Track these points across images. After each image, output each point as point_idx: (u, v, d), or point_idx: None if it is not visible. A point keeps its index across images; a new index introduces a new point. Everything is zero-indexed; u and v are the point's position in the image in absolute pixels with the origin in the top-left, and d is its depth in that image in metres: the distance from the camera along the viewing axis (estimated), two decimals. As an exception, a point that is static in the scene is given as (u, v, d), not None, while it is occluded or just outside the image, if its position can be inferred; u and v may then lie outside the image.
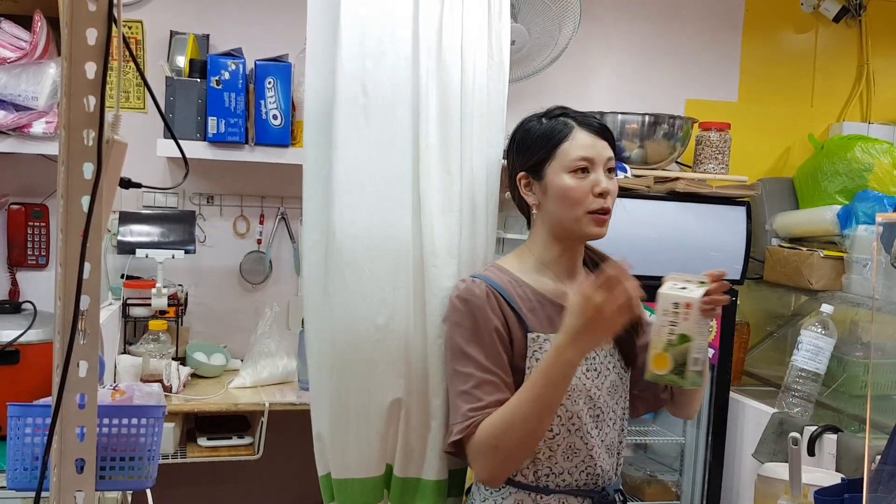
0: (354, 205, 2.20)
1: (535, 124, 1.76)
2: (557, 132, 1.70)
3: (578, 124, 1.70)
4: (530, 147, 1.74)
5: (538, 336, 1.68)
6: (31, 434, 1.43)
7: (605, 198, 1.67)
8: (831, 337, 2.68)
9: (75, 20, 1.04)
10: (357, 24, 2.23)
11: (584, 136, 1.68)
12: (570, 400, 1.68)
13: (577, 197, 1.66)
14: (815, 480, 1.86)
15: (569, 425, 1.68)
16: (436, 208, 2.22)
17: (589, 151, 1.67)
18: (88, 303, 1.08)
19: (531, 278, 1.75)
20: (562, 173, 1.68)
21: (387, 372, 2.13)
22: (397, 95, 2.25)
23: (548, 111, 1.77)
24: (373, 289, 2.18)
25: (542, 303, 1.72)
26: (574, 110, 1.75)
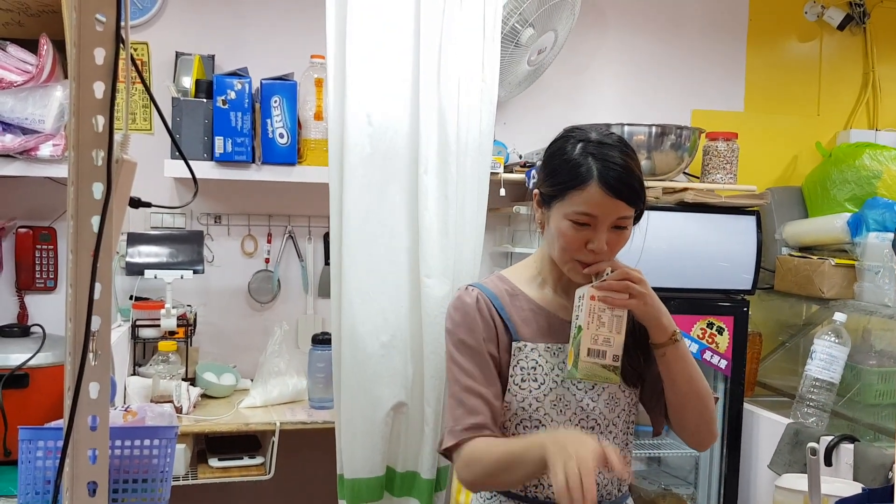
0: (360, 230, 2.33)
1: (564, 150, 1.63)
2: (574, 177, 1.59)
3: (598, 177, 1.56)
4: (549, 174, 1.66)
5: (524, 345, 1.67)
6: (42, 457, 1.43)
7: (598, 254, 1.60)
8: (845, 346, 2.66)
9: (83, 40, 1.04)
10: (361, 57, 2.31)
11: (596, 193, 1.56)
12: (556, 409, 1.66)
13: (568, 245, 1.61)
14: (834, 491, 1.84)
15: None
16: (434, 231, 2.36)
17: (595, 209, 1.57)
18: (99, 324, 1.07)
19: (530, 288, 1.74)
20: (563, 217, 1.60)
21: (389, 384, 2.41)
22: (399, 125, 2.36)
23: (583, 138, 1.62)
24: (376, 310, 2.36)
25: (537, 313, 1.71)
26: (608, 152, 1.58)
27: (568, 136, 1.66)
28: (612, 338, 1.58)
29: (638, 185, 1.58)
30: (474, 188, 2.45)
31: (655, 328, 1.63)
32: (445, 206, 2.39)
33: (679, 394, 1.67)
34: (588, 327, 1.57)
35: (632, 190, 1.57)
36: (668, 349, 1.64)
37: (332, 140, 2.36)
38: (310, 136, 2.82)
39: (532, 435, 1.59)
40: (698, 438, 1.75)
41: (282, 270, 3.13)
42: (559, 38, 3.05)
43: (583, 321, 1.57)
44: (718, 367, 2.83)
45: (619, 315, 1.58)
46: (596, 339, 1.57)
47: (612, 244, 1.60)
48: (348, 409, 2.41)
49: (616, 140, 1.62)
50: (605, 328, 1.57)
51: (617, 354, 1.58)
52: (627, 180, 1.57)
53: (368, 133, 2.34)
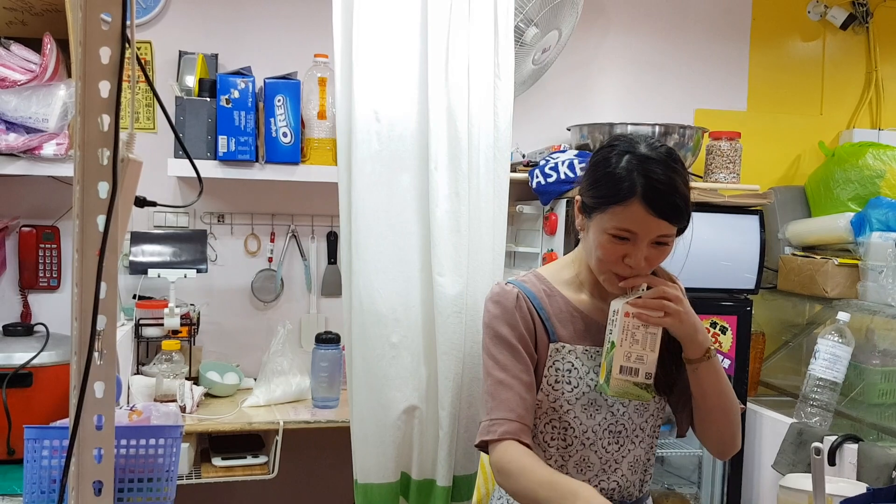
0: (369, 228, 2.27)
1: (609, 161, 1.59)
2: (616, 192, 1.55)
3: (641, 195, 1.53)
4: (592, 184, 1.62)
5: (562, 346, 1.67)
6: (48, 456, 1.43)
7: (635, 269, 1.58)
8: (848, 345, 2.66)
9: (89, 39, 1.04)
10: (368, 53, 2.28)
11: (638, 210, 1.53)
12: (587, 413, 1.68)
13: (605, 258, 1.59)
14: (838, 491, 1.83)
15: (583, 438, 1.68)
16: (444, 229, 2.30)
17: (635, 226, 1.55)
18: (105, 323, 1.07)
19: (568, 290, 1.73)
20: (602, 231, 1.59)
21: (400, 387, 2.32)
22: (407, 121, 2.31)
23: (630, 150, 1.58)
24: (387, 309, 2.28)
25: (574, 315, 1.71)
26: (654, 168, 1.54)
27: (614, 145, 1.62)
28: (646, 355, 1.56)
29: (683, 203, 1.56)
30: (489, 186, 2.37)
31: (690, 344, 1.63)
32: (457, 203, 2.31)
33: (708, 408, 1.68)
34: (621, 344, 1.55)
35: (675, 209, 1.54)
36: (702, 365, 1.64)
37: (340, 138, 2.31)
38: (313, 135, 2.82)
39: (568, 482, 1.54)
40: (722, 448, 1.76)
41: (285, 269, 3.13)
42: (563, 36, 3.05)
43: (616, 337, 1.56)
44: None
45: (654, 333, 1.56)
46: (629, 356, 1.56)
47: (652, 259, 1.59)
48: (359, 411, 2.32)
49: (663, 154, 1.57)
50: (638, 345, 1.56)
51: (650, 372, 1.57)
52: (671, 199, 1.54)
53: (376, 130, 2.29)
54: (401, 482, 2.37)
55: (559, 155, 2.82)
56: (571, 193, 2.69)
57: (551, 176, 2.74)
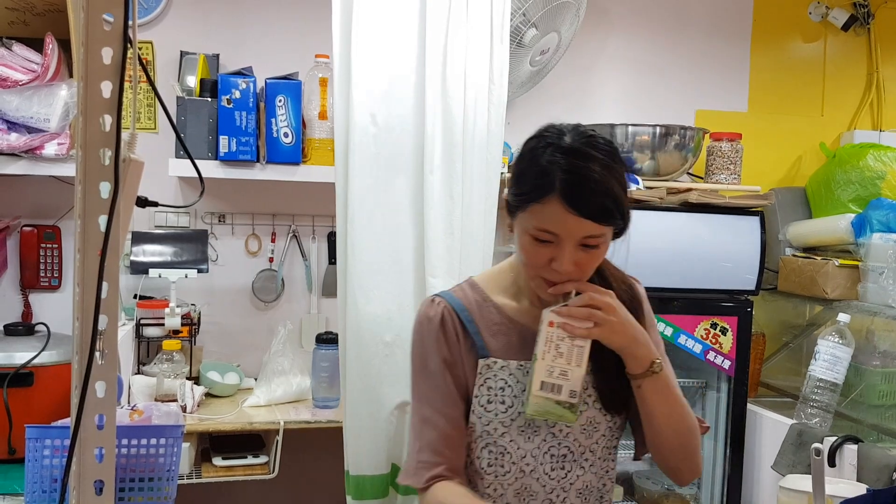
0: (365, 230, 2.34)
1: (533, 153, 1.43)
2: (535, 188, 1.38)
3: (561, 191, 1.35)
4: (514, 178, 1.46)
5: (493, 362, 1.49)
6: (49, 456, 1.43)
7: (564, 274, 1.40)
8: (848, 346, 2.66)
9: (91, 40, 1.04)
10: (366, 57, 2.31)
11: (557, 209, 1.35)
12: (524, 436, 1.49)
13: (530, 261, 1.43)
14: (838, 492, 1.84)
15: (521, 465, 1.49)
16: (439, 231, 2.36)
17: (556, 227, 1.37)
18: (106, 323, 1.07)
19: (503, 299, 1.56)
20: (524, 232, 1.42)
21: (393, 384, 2.39)
22: (404, 125, 2.36)
23: (554, 141, 1.41)
24: (382, 309, 2.36)
25: (509, 327, 1.53)
26: (579, 161, 1.37)
27: (542, 135, 1.45)
28: (570, 371, 1.39)
29: (611, 202, 1.36)
30: (482, 188, 2.44)
31: (629, 358, 1.45)
32: (451, 205, 2.39)
33: (655, 429, 1.50)
34: (543, 357, 1.39)
35: (601, 208, 1.36)
36: (645, 381, 1.46)
37: (338, 140, 2.36)
38: (314, 135, 2.82)
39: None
40: (679, 476, 1.58)
41: (286, 270, 3.13)
42: (563, 39, 3.05)
43: (538, 350, 1.39)
44: (722, 367, 2.83)
45: (581, 346, 1.39)
46: (551, 371, 1.39)
47: (582, 264, 1.40)
48: (353, 407, 2.41)
49: (592, 146, 1.39)
50: (562, 359, 1.39)
51: (574, 390, 1.39)
52: (595, 197, 1.35)
53: (373, 133, 2.34)
54: (391, 473, 2.47)
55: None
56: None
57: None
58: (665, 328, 2.76)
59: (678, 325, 2.78)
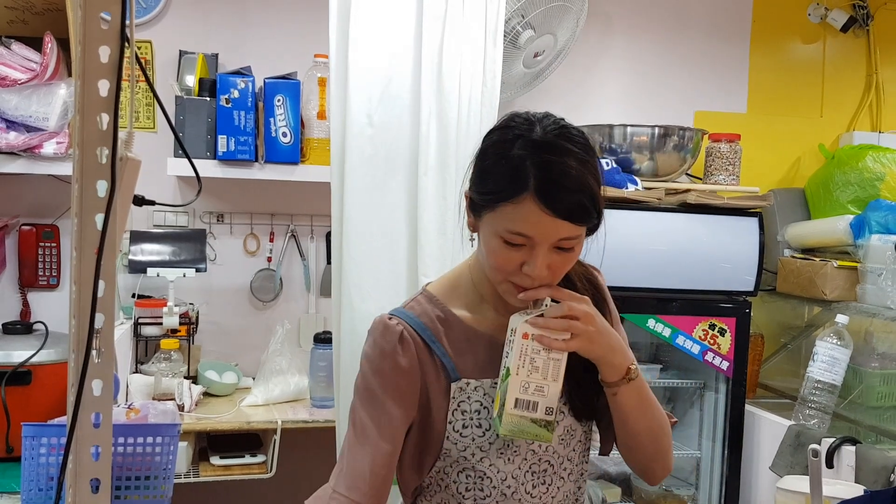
0: (359, 229, 2.35)
1: (499, 147, 1.30)
2: (505, 186, 1.26)
3: (536, 190, 1.23)
4: (479, 174, 1.34)
5: (466, 384, 1.38)
6: (45, 454, 1.43)
7: (536, 279, 1.30)
8: (847, 348, 2.66)
9: (88, 38, 1.04)
10: (362, 58, 2.32)
11: (532, 209, 1.23)
12: (504, 458, 1.38)
13: (499, 265, 1.31)
14: (835, 493, 1.84)
15: (502, 488, 1.39)
16: (432, 232, 2.37)
17: (530, 229, 1.25)
18: (103, 321, 1.07)
19: (464, 310, 1.43)
20: (492, 234, 1.29)
21: None
22: (400, 126, 2.37)
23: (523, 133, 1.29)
24: (375, 308, 2.37)
25: (474, 342, 1.41)
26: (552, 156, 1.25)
27: (507, 126, 1.32)
28: (547, 386, 1.29)
29: (588, 200, 1.25)
30: None
31: (606, 368, 1.36)
32: (444, 207, 2.40)
33: (632, 433, 1.43)
34: (517, 372, 1.28)
35: (579, 207, 1.25)
36: (622, 388, 1.37)
37: (334, 140, 2.38)
38: (313, 135, 2.82)
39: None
40: (650, 475, 1.51)
41: (284, 269, 3.13)
42: (559, 43, 3.05)
43: (512, 364, 1.28)
44: (720, 368, 2.83)
45: (557, 359, 1.29)
46: (526, 387, 1.28)
47: (555, 267, 1.30)
48: (346, 406, 2.42)
49: (566, 137, 1.28)
50: (538, 374, 1.28)
51: (551, 407, 1.30)
52: (572, 196, 1.24)
53: (369, 134, 2.36)
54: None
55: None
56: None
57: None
58: (663, 329, 2.76)
59: (676, 325, 2.78)
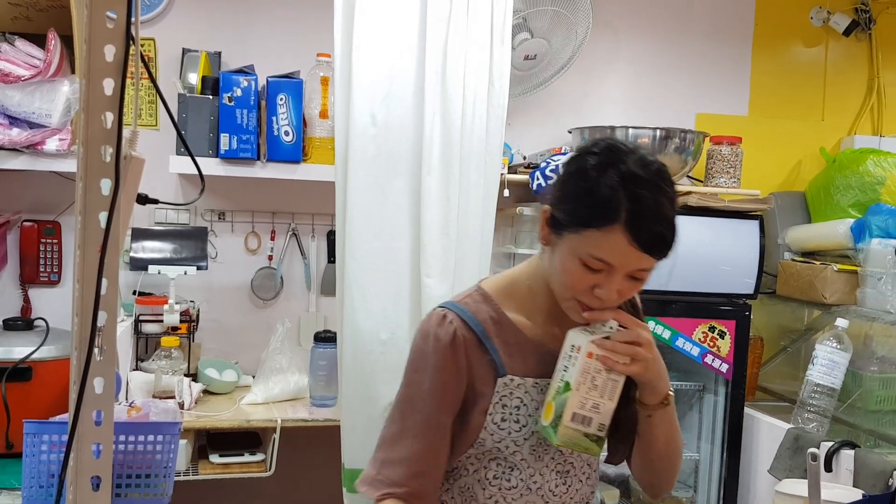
0: (362, 228, 2.36)
1: (589, 173, 1.34)
2: (596, 214, 1.30)
3: (627, 223, 1.28)
4: (567, 197, 1.37)
5: (511, 380, 1.44)
6: (47, 451, 1.43)
7: (605, 302, 1.36)
8: (846, 351, 2.66)
9: (93, 37, 1.04)
10: (367, 57, 2.33)
11: (620, 240, 1.29)
12: (535, 455, 1.46)
13: (572, 284, 1.36)
14: (834, 497, 1.84)
15: (529, 482, 1.47)
16: (435, 232, 2.38)
17: (613, 258, 1.31)
18: (105, 319, 1.07)
19: (518, 313, 1.49)
20: (573, 254, 1.34)
21: (388, 381, 2.37)
22: (404, 125, 2.37)
23: (616, 162, 1.32)
24: (377, 307, 2.38)
25: (524, 345, 1.47)
26: (644, 191, 1.29)
27: (597, 153, 1.36)
28: (603, 404, 1.36)
29: (671, 234, 1.31)
30: (479, 190, 2.46)
31: (649, 391, 1.44)
32: (447, 206, 2.41)
33: (654, 454, 1.52)
34: (578, 388, 1.35)
35: (663, 242, 1.31)
36: (657, 412, 1.46)
37: (338, 139, 2.38)
38: (315, 134, 2.83)
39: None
40: (655, 490, 1.59)
41: (285, 268, 3.13)
42: (552, 48, 3.06)
43: (573, 379, 1.35)
44: (720, 370, 2.83)
45: (616, 380, 1.37)
46: (584, 403, 1.35)
47: (624, 293, 1.37)
48: (349, 404, 2.43)
49: (655, 172, 1.32)
50: (596, 392, 1.36)
51: (604, 424, 1.38)
52: (662, 231, 1.30)
53: (373, 134, 2.36)
54: None
55: (560, 157, 2.83)
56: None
57: (552, 178, 2.75)
58: (663, 331, 2.77)
59: (676, 327, 2.78)
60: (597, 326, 1.39)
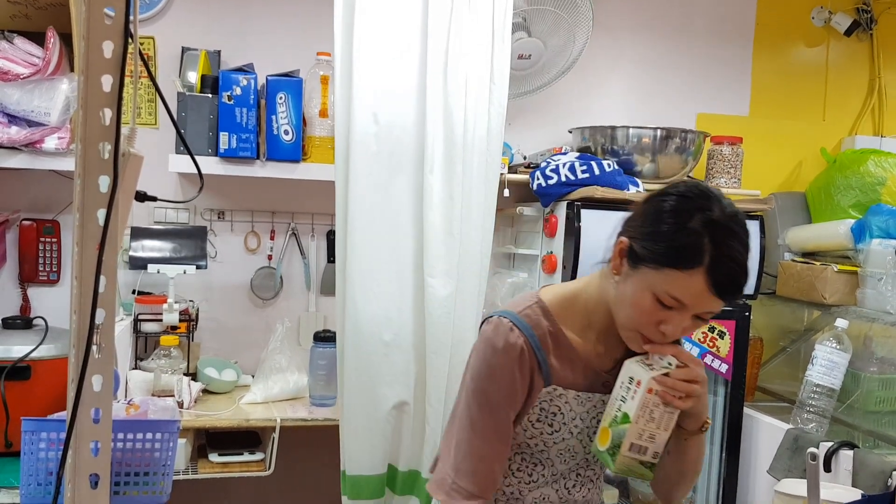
0: (364, 228, 2.34)
1: (677, 214, 1.40)
2: (680, 256, 1.36)
3: (709, 269, 1.34)
4: (651, 234, 1.42)
5: (554, 389, 1.53)
6: (45, 449, 1.43)
7: (667, 337, 1.44)
8: (846, 352, 2.66)
9: (92, 34, 1.04)
10: (368, 56, 2.32)
11: (700, 284, 1.35)
12: (561, 458, 1.58)
13: (638, 318, 1.43)
14: (833, 497, 1.84)
15: (550, 479, 1.61)
16: (438, 232, 2.36)
17: (690, 299, 1.37)
18: (104, 317, 1.07)
19: (571, 332, 1.56)
20: (648, 289, 1.40)
21: (392, 383, 2.41)
22: (405, 124, 2.36)
23: (705, 208, 1.37)
24: (380, 309, 2.37)
25: (573, 361, 1.56)
26: (730, 241, 1.36)
27: (685, 195, 1.41)
28: (658, 435, 1.45)
29: (745, 283, 1.39)
30: (481, 189, 2.45)
31: (693, 420, 1.53)
32: (451, 205, 2.39)
33: (678, 472, 1.61)
34: (637, 421, 1.43)
35: (739, 290, 1.39)
36: (693, 437, 1.55)
37: (339, 138, 2.37)
38: (315, 133, 2.82)
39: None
40: (669, 498, 1.68)
41: (284, 267, 3.13)
42: (549, 50, 3.06)
43: (632, 412, 1.43)
44: (719, 371, 2.83)
45: (672, 413, 1.45)
46: (641, 434, 1.44)
47: (687, 331, 1.45)
48: (351, 406, 2.41)
49: (738, 222, 1.39)
50: (653, 424, 1.44)
51: (658, 452, 1.46)
52: (739, 279, 1.37)
53: (374, 132, 2.35)
54: (387, 473, 2.48)
55: (560, 157, 2.83)
56: (573, 196, 2.69)
57: (552, 178, 2.74)
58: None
59: (676, 328, 2.78)
60: (654, 359, 1.46)
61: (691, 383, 1.44)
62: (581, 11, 3.02)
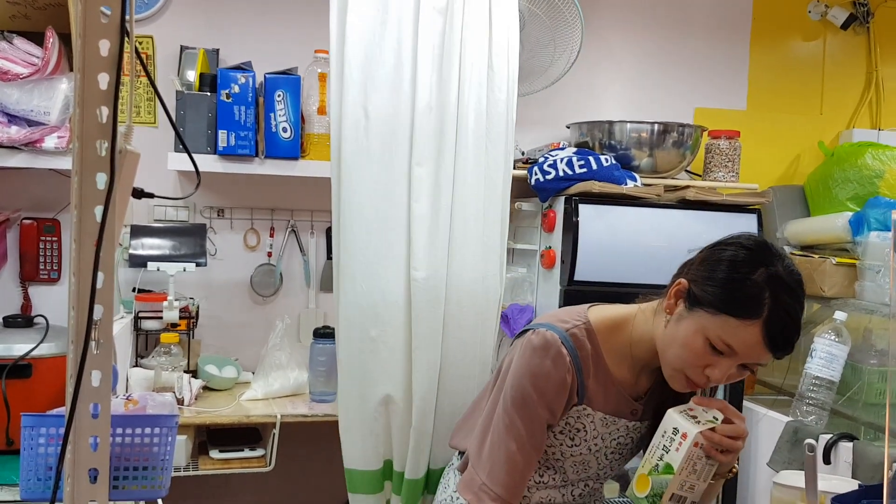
0: (355, 222, 2.33)
1: (741, 265, 1.45)
2: (740, 305, 1.42)
3: (766, 322, 1.40)
4: (713, 280, 1.47)
5: (584, 408, 1.60)
6: (44, 444, 1.44)
7: (712, 381, 1.49)
8: (845, 344, 2.66)
9: (88, 31, 1.05)
10: (359, 48, 2.32)
11: (755, 335, 1.41)
12: (575, 470, 1.66)
13: (686, 358, 1.48)
14: (832, 488, 1.84)
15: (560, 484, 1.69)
16: (424, 223, 2.34)
17: (742, 348, 1.43)
18: (102, 312, 1.08)
19: (612, 358, 1.62)
20: (700, 332, 1.45)
21: (378, 379, 2.39)
22: (397, 117, 2.35)
23: (769, 263, 1.44)
24: (369, 303, 2.35)
25: (607, 386, 1.61)
26: (788, 298, 1.42)
27: (749, 248, 1.48)
28: (697, 485, 1.49)
29: (797, 339, 1.45)
30: (479, 179, 2.41)
31: (724, 467, 1.57)
32: (438, 198, 2.36)
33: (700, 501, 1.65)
34: (680, 473, 1.47)
35: (791, 347, 1.45)
36: (720, 481, 1.61)
37: (333, 133, 2.36)
38: (313, 130, 2.83)
39: None
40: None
41: (284, 264, 3.14)
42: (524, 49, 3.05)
43: (676, 463, 1.47)
44: (718, 364, 2.83)
45: (712, 465, 1.49)
46: (683, 485, 1.48)
47: (731, 378, 1.50)
48: (344, 402, 2.42)
49: (797, 281, 1.45)
50: (694, 475, 1.48)
51: (695, 502, 1.50)
52: (792, 336, 1.43)
53: (365, 126, 2.33)
54: (385, 469, 2.47)
55: (558, 152, 2.83)
56: (571, 191, 2.70)
57: (550, 173, 2.75)
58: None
59: (675, 321, 2.78)
60: (699, 411, 1.50)
61: (735, 439, 1.49)
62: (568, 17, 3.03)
